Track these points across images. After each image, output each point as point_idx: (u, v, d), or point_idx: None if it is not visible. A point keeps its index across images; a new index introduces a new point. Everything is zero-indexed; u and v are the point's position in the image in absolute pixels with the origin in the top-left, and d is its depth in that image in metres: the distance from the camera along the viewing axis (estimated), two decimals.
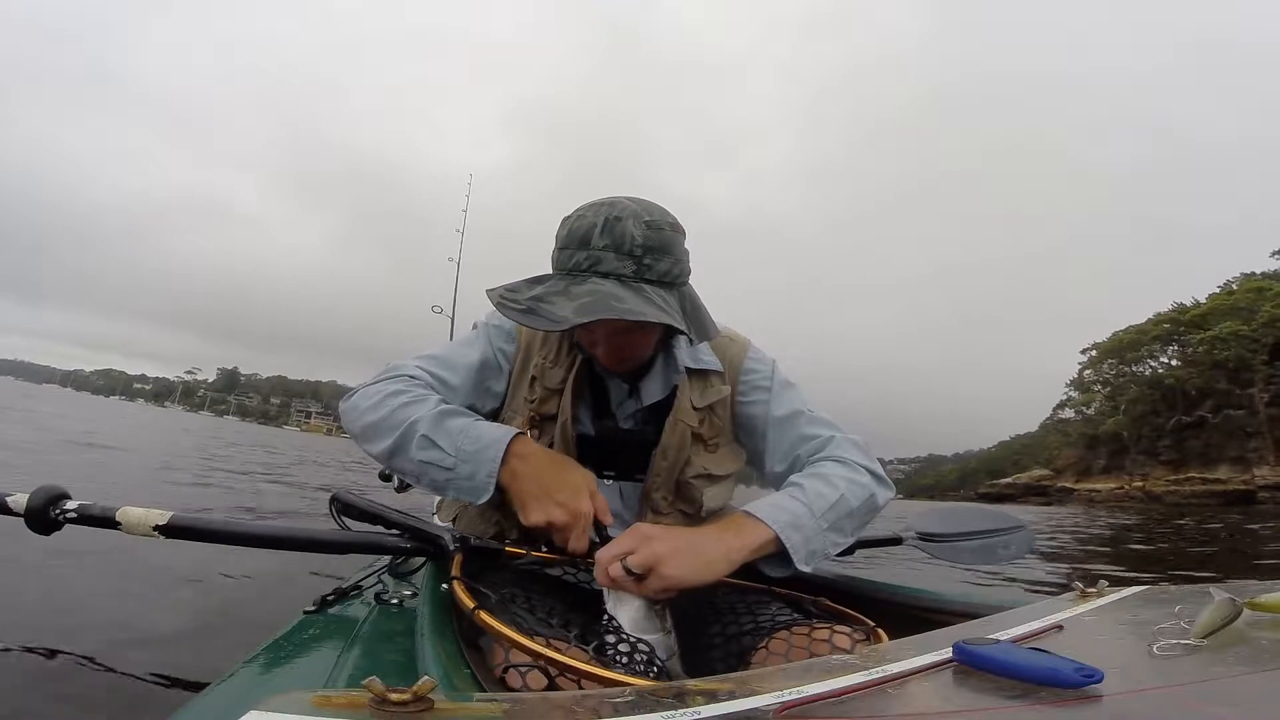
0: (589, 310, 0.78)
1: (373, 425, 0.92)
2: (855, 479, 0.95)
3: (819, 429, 1.03)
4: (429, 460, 0.87)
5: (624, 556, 0.74)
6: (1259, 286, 50.81)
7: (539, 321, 0.81)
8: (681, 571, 0.75)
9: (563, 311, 0.79)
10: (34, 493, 0.93)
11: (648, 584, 0.74)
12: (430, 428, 0.87)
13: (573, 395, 0.99)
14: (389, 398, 0.93)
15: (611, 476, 1.01)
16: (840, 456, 0.99)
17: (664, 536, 0.77)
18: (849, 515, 0.92)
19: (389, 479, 2.22)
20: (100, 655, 1.56)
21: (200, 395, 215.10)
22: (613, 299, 0.80)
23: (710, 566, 0.78)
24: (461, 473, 0.85)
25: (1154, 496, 48.25)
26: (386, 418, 0.91)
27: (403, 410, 0.90)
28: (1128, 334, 59.73)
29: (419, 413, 0.89)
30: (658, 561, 0.74)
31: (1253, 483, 42.81)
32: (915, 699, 0.43)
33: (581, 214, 0.87)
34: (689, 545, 0.78)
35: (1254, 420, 45.85)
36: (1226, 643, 0.49)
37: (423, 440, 0.87)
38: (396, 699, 0.35)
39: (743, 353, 1.08)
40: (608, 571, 0.75)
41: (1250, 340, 47.19)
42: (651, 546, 0.75)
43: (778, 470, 1.04)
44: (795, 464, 1.01)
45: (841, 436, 1.02)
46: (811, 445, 1.02)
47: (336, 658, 0.83)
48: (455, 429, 0.87)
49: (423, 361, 1.01)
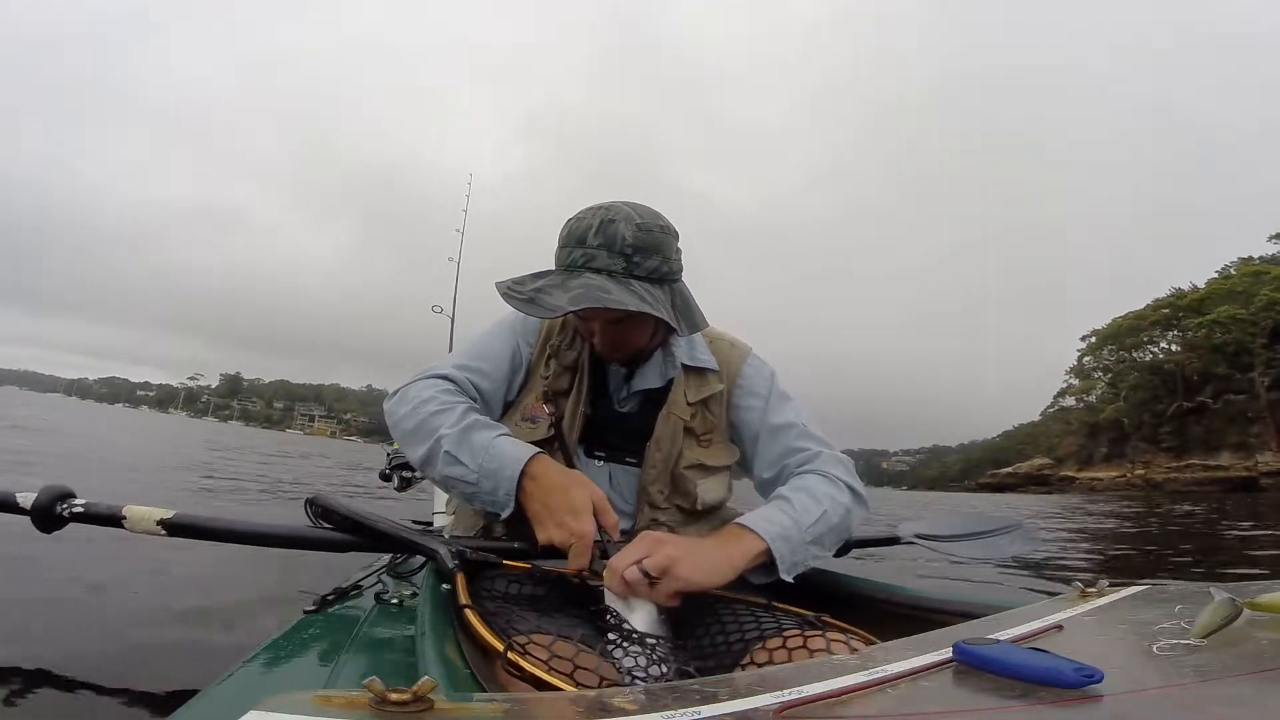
0: (578, 300, 0.88)
1: (408, 434, 0.98)
2: (837, 496, 1.00)
3: (809, 443, 1.07)
4: (454, 476, 0.93)
5: (638, 561, 0.78)
6: (1257, 270, 50.53)
7: (537, 310, 0.91)
8: (695, 573, 0.80)
9: (557, 301, 0.89)
10: (41, 490, 0.97)
11: (661, 587, 0.78)
12: (454, 444, 0.92)
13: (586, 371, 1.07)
14: (421, 405, 0.98)
15: (602, 458, 1.06)
16: (825, 471, 1.03)
17: (676, 541, 0.84)
18: (830, 530, 0.97)
19: (389, 479, 2.23)
20: (100, 655, 1.56)
21: (204, 401, 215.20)
22: (601, 291, 0.89)
23: (719, 570, 0.84)
24: (484, 488, 0.91)
25: (1155, 485, 48.24)
26: (418, 427, 0.97)
27: (432, 420, 0.96)
28: (1126, 319, 59.54)
29: (445, 425, 0.94)
30: (672, 563, 0.78)
31: (1255, 469, 42.71)
32: (915, 699, 0.43)
33: (580, 216, 0.96)
34: (699, 549, 0.84)
35: (1255, 405, 45.81)
36: (1226, 643, 0.49)
37: (447, 457, 0.92)
38: (396, 699, 0.35)
39: (743, 358, 1.14)
40: (623, 576, 0.77)
41: (1249, 324, 47.02)
42: (665, 550, 0.80)
43: (765, 477, 1.09)
44: (782, 473, 1.06)
45: (829, 453, 1.07)
46: (800, 457, 1.06)
47: (336, 658, 0.84)
48: (478, 445, 0.92)
49: (457, 358, 1.07)
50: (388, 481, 2.24)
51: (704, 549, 0.85)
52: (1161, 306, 56.59)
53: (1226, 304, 49.20)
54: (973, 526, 1.58)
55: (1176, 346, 56.10)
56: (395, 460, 2.19)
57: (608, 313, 0.94)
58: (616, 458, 1.06)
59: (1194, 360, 51.57)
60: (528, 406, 1.07)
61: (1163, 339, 57.43)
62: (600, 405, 1.08)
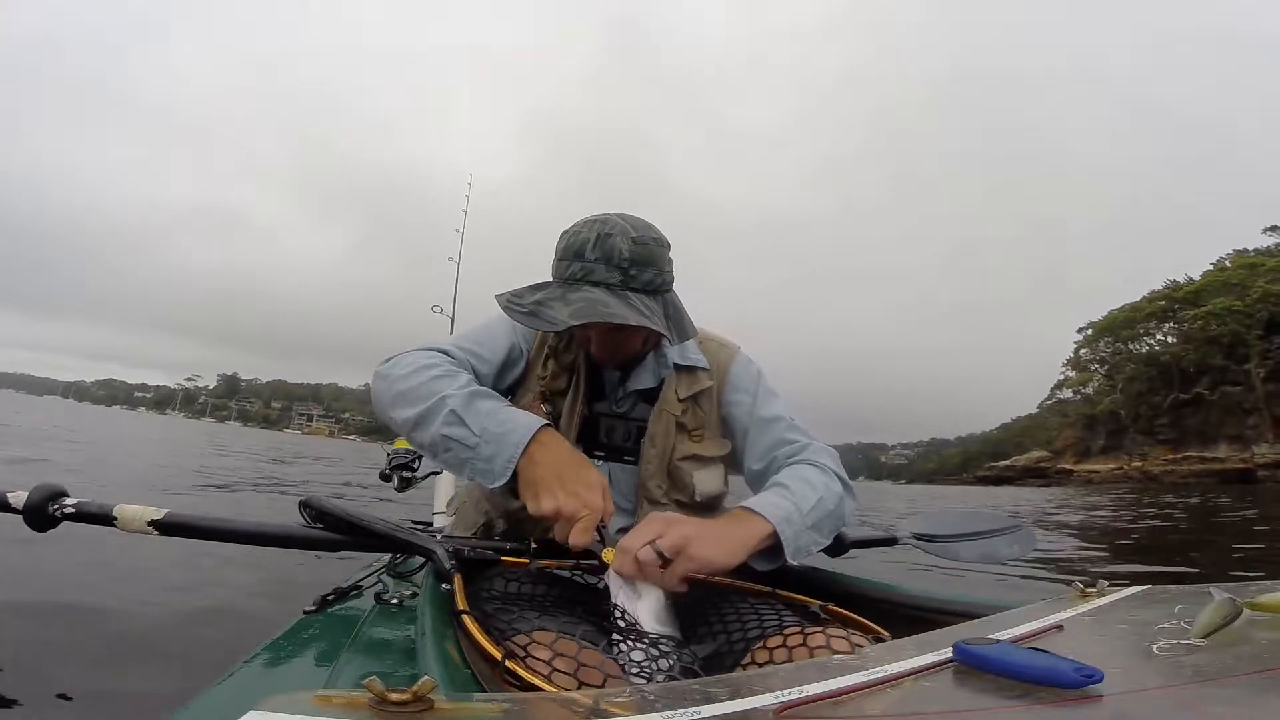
0: (580, 314, 0.90)
1: (403, 394, 0.95)
2: (830, 485, 1.01)
3: (797, 435, 1.10)
4: (453, 436, 0.88)
5: (651, 541, 0.77)
6: (1251, 263, 50.52)
7: (539, 323, 0.92)
8: (710, 552, 0.80)
9: (560, 315, 0.90)
10: (34, 490, 0.97)
11: (674, 568, 0.77)
12: (461, 405, 0.89)
13: (583, 374, 1.08)
14: (422, 369, 0.96)
15: (601, 456, 1.08)
16: (816, 461, 1.05)
17: (688, 521, 0.83)
18: (827, 516, 0.98)
19: (389, 479, 2.23)
20: (100, 655, 1.56)
21: (201, 402, 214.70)
22: (601, 305, 0.91)
23: (732, 550, 0.84)
24: (483, 453, 0.87)
25: (1152, 477, 48.33)
26: (417, 387, 0.94)
27: (435, 383, 0.93)
28: (1123, 312, 59.58)
29: (450, 388, 0.92)
30: (687, 543, 0.78)
31: (1251, 461, 42.82)
32: (915, 699, 0.43)
33: (577, 230, 0.98)
34: (711, 529, 0.84)
35: (1251, 396, 45.90)
36: (1226, 643, 0.49)
37: (450, 415, 0.89)
38: (396, 699, 0.35)
39: (731, 357, 1.17)
40: (636, 556, 0.76)
41: (1244, 316, 47.04)
42: (679, 529, 0.79)
43: (755, 469, 1.11)
44: (772, 465, 1.08)
45: (817, 444, 1.09)
46: (789, 449, 1.08)
47: (336, 658, 0.84)
48: (484, 410, 0.90)
49: (458, 339, 1.08)
50: (387, 481, 2.24)
51: (716, 529, 0.86)
52: (1158, 299, 56.66)
53: (1222, 296, 49.26)
54: (972, 526, 1.57)
55: (1173, 339, 56.16)
56: (395, 460, 2.18)
57: (606, 324, 0.95)
58: (615, 456, 1.08)
59: (1190, 352, 51.61)
60: (526, 406, 1.07)
61: (1159, 331, 57.52)
62: (597, 405, 1.10)
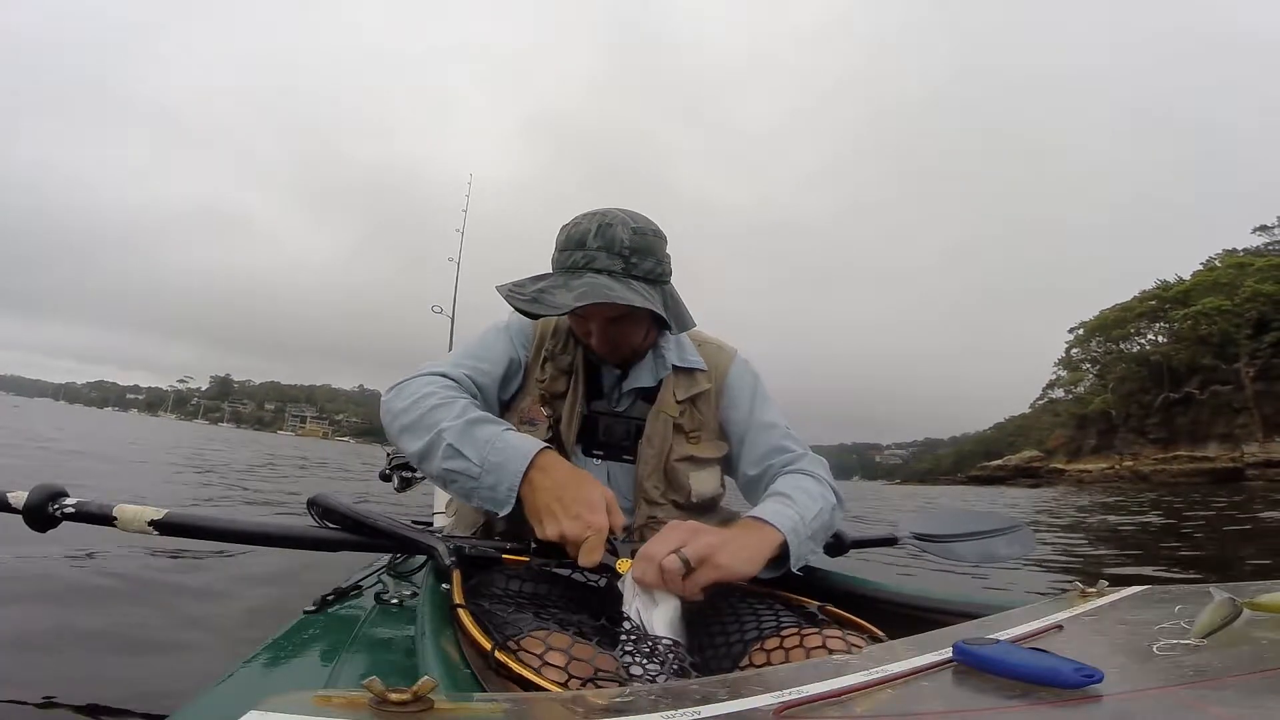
0: (584, 297, 0.91)
1: (406, 427, 0.96)
2: (826, 496, 1.03)
3: (793, 444, 1.11)
4: (455, 469, 0.89)
5: (675, 550, 0.76)
6: (1241, 262, 50.80)
7: (542, 308, 0.94)
8: (734, 561, 0.80)
9: (563, 299, 0.92)
10: (34, 490, 0.98)
11: (697, 576, 0.76)
12: (457, 437, 0.89)
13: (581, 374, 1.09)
14: (421, 399, 0.96)
15: (600, 456, 1.08)
16: (812, 472, 1.07)
17: (710, 529, 0.82)
18: (823, 527, 1.00)
19: (389, 479, 2.22)
20: (99, 656, 1.55)
21: (194, 404, 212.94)
22: (605, 288, 0.92)
23: (752, 560, 0.84)
24: (485, 483, 0.87)
25: (1143, 476, 48.58)
26: (418, 420, 0.94)
27: (433, 414, 0.93)
28: (1113, 311, 59.86)
29: (447, 419, 0.91)
30: (712, 552, 0.78)
31: (1241, 460, 43.14)
32: (915, 699, 0.43)
33: (577, 222, 1.00)
34: (733, 538, 0.84)
35: (1241, 396, 46.22)
36: (1226, 643, 0.49)
37: (449, 450, 0.89)
38: (396, 699, 0.35)
39: (729, 360, 1.18)
40: (661, 564, 0.75)
41: (1234, 315, 47.32)
42: (705, 538, 0.79)
43: (750, 474, 1.12)
44: (767, 472, 1.10)
45: (812, 455, 1.11)
46: (785, 458, 1.10)
47: (336, 658, 0.84)
48: (483, 438, 0.89)
49: (457, 357, 1.08)
50: (387, 482, 2.23)
51: (737, 538, 0.85)
52: (1148, 298, 56.92)
53: (1211, 295, 49.53)
54: (971, 526, 1.58)
55: (1163, 338, 56.44)
56: (395, 460, 2.18)
57: (609, 309, 0.97)
58: (614, 455, 1.08)
59: (1180, 351, 51.92)
60: (525, 410, 1.07)
61: (1149, 330, 57.84)
62: (596, 404, 1.10)
